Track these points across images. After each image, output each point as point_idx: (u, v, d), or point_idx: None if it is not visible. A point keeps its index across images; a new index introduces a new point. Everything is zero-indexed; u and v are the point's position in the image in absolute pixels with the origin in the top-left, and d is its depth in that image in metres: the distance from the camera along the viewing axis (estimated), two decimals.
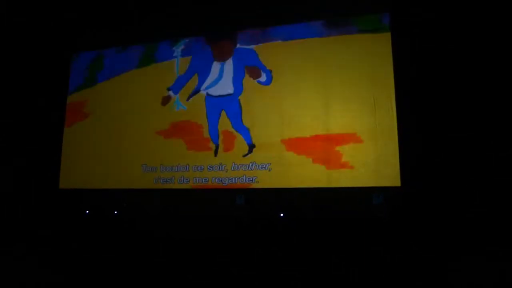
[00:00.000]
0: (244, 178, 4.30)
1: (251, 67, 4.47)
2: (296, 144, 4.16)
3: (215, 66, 4.64)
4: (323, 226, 3.85)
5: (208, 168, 4.45)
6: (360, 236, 3.68)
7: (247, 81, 4.47)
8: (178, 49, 4.83)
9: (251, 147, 4.34)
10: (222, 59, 4.62)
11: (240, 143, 4.38)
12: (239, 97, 4.48)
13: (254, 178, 4.26)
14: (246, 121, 4.40)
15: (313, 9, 4.29)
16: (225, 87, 4.55)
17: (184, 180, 4.51)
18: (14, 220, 4.81)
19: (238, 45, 4.59)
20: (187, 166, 4.53)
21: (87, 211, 4.75)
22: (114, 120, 4.94)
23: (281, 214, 4.09)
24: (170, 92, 4.76)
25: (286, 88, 4.30)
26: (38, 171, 5.02)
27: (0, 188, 4.94)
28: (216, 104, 4.57)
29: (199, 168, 4.48)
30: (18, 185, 5.00)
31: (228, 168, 4.37)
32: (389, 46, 3.97)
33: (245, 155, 4.34)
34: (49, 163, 5.01)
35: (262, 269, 3.71)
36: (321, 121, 4.10)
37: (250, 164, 4.29)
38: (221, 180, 4.37)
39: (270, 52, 4.42)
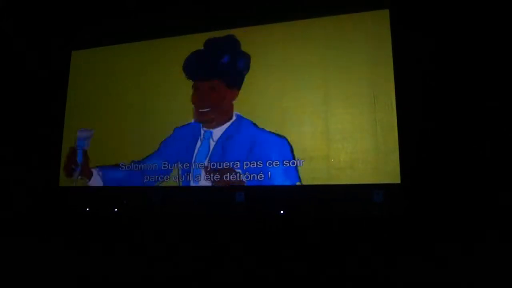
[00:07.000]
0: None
1: None
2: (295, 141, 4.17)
3: None
4: (323, 224, 3.85)
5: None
6: (360, 232, 3.69)
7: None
8: None
9: None
10: None
11: None
12: None
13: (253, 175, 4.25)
14: None
15: (313, 7, 4.29)
16: None
17: (184, 178, 4.50)
18: (14, 219, 4.81)
19: None
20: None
21: (87, 209, 4.75)
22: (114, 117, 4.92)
23: (281, 212, 4.09)
24: None
25: (286, 85, 4.30)
26: (38, 169, 5.02)
27: (0, 187, 4.94)
28: None
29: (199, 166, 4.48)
30: (18, 183, 5.00)
31: None
32: (389, 43, 3.98)
33: None
34: (49, 161, 5.01)
35: (261, 266, 3.71)
36: (321, 118, 4.11)
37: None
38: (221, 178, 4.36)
39: (269, 51, 4.41)
